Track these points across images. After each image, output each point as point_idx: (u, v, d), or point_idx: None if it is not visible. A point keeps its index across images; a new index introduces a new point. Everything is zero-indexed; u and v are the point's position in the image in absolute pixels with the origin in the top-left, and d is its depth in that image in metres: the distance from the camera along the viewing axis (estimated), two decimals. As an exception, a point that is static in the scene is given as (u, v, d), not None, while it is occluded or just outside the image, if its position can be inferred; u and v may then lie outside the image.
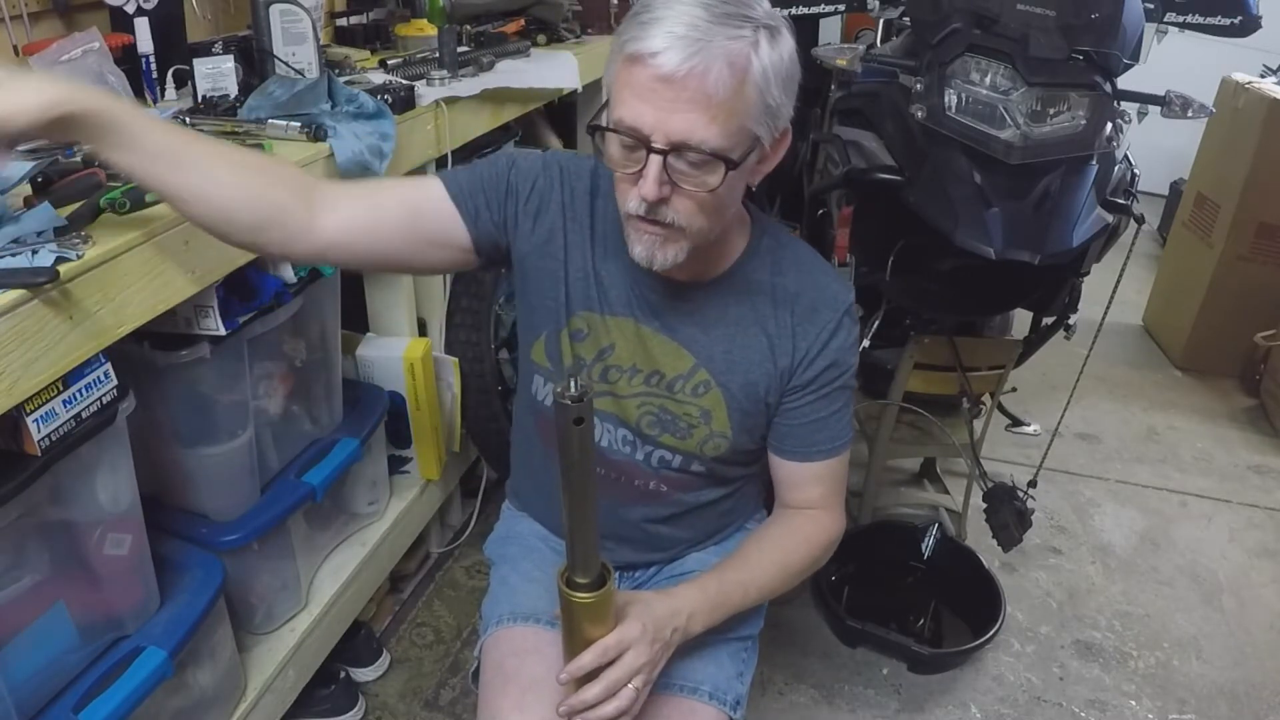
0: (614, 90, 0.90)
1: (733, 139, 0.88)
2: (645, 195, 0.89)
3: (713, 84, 0.84)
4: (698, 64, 0.84)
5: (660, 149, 0.87)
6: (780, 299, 1.06)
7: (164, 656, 1.16)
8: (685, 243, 0.94)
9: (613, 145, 0.91)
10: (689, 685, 1.09)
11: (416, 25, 2.04)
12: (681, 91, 0.85)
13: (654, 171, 0.88)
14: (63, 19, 1.41)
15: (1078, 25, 1.45)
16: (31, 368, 0.91)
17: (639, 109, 0.87)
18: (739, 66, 0.86)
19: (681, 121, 0.86)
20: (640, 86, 0.86)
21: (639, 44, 0.85)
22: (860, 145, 1.71)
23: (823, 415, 1.08)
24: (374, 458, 1.72)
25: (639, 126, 0.87)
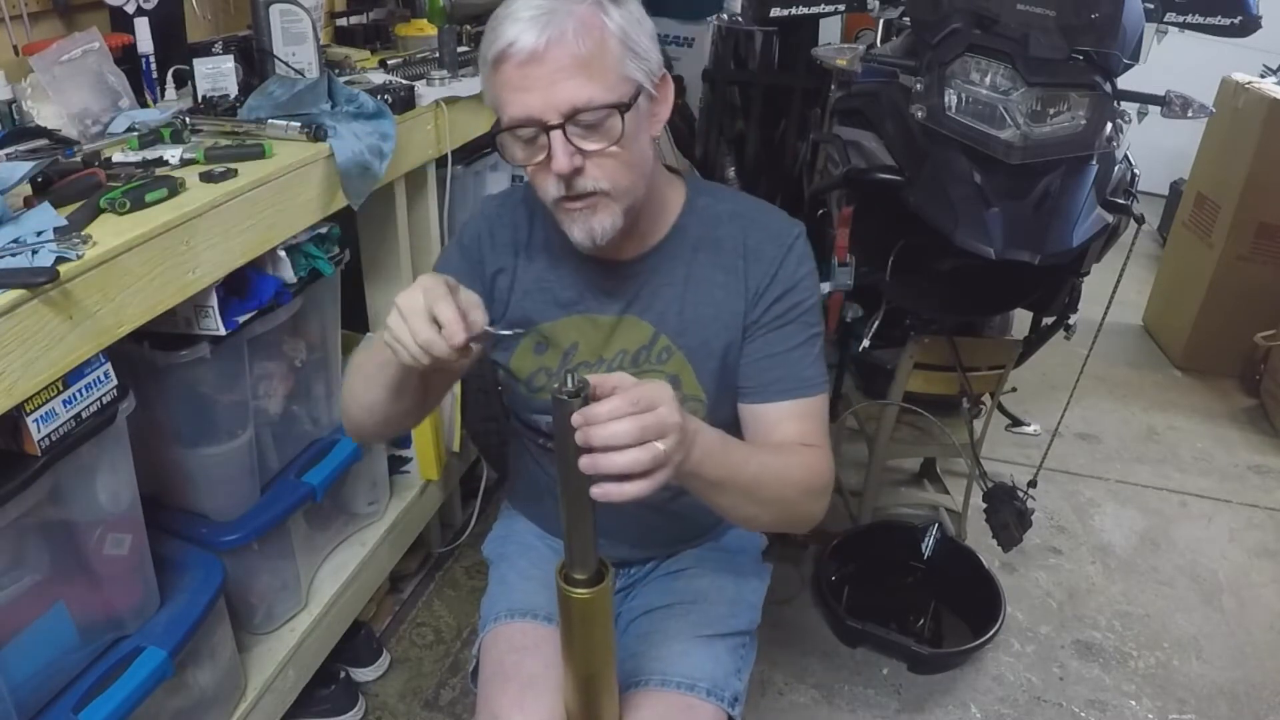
0: (496, 100, 0.93)
1: (614, 89, 0.91)
2: (559, 169, 0.91)
3: (574, 44, 0.88)
4: (553, 32, 0.88)
5: (556, 124, 0.90)
6: (726, 248, 1.06)
7: (164, 656, 1.16)
8: (615, 205, 0.96)
9: (515, 147, 0.94)
10: (686, 681, 1.08)
11: (416, 25, 2.03)
12: (551, 63, 0.88)
13: (559, 145, 0.90)
14: (63, 19, 1.41)
15: (1078, 25, 1.45)
16: (31, 368, 0.91)
17: (522, 99, 0.90)
18: (592, 24, 0.89)
19: (563, 90, 0.89)
20: (512, 80, 0.90)
21: (495, 44, 0.90)
22: (860, 145, 1.71)
23: (779, 350, 1.05)
24: (374, 458, 1.72)
25: (529, 114, 0.90)
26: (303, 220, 1.32)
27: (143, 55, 1.43)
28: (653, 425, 0.76)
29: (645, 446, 0.75)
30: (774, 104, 2.91)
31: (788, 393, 1.05)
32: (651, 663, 1.11)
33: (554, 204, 0.96)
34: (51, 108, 1.27)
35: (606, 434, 0.74)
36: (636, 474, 0.76)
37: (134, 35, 1.41)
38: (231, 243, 1.17)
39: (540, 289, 1.09)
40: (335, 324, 1.58)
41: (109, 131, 1.28)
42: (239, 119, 1.36)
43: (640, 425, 0.75)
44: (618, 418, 0.75)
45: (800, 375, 1.05)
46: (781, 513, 0.99)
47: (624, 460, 0.75)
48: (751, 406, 1.07)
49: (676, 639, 1.13)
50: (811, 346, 1.06)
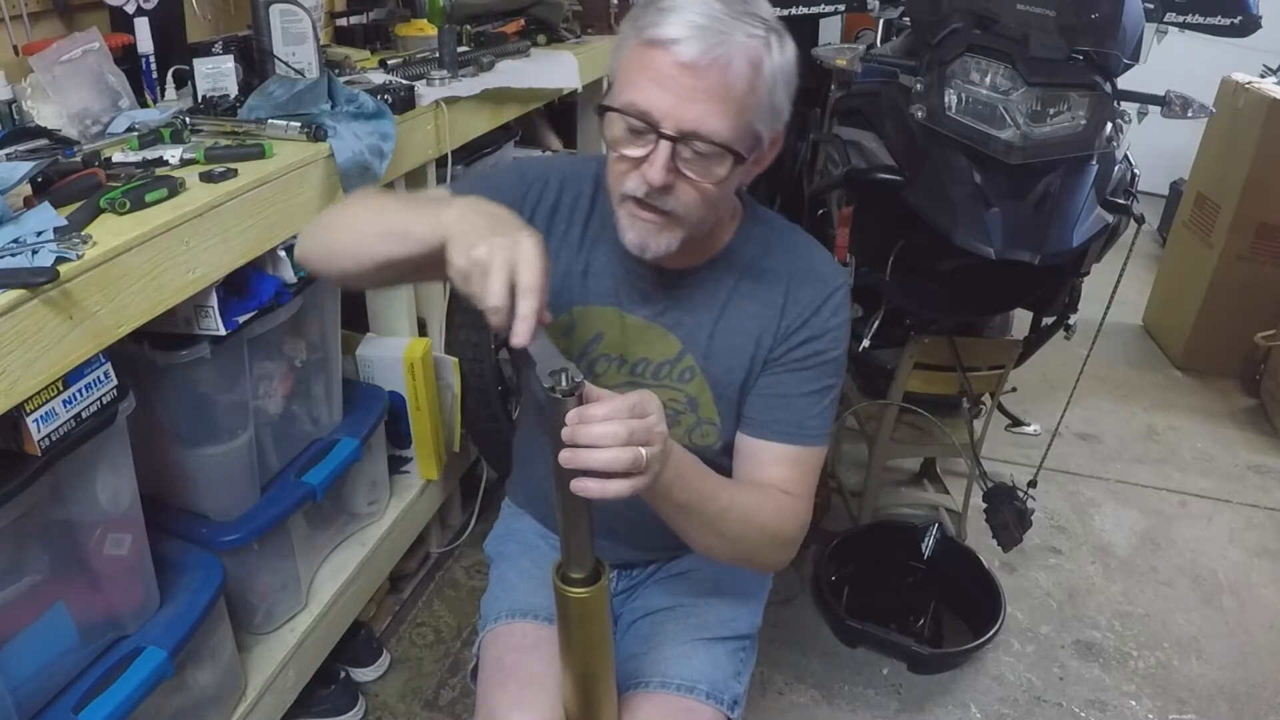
0: (624, 73, 0.90)
1: (740, 134, 0.89)
2: (651, 180, 0.89)
3: (733, 77, 0.85)
4: (720, 55, 0.85)
5: (671, 136, 0.87)
6: (770, 279, 1.05)
7: (164, 656, 1.16)
8: (680, 232, 0.94)
9: (617, 127, 0.91)
10: (686, 684, 1.08)
11: (416, 25, 2.04)
12: (701, 81, 0.85)
13: (662, 158, 0.88)
14: (63, 19, 1.41)
15: (1078, 25, 1.45)
16: (31, 368, 0.91)
17: (654, 94, 0.87)
18: (755, 63, 0.87)
19: (696, 111, 0.86)
20: (657, 72, 0.86)
21: (658, 30, 0.86)
22: (860, 145, 1.71)
23: (789, 393, 1.03)
24: (374, 458, 1.72)
25: (651, 111, 0.87)
26: (303, 220, 1.32)
27: (143, 55, 1.43)
28: (640, 431, 0.76)
29: (628, 448, 0.75)
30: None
31: (785, 436, 1.03)
32: (652, 664, 1.11)
33: (621, 199, 0.94)
34: (51, 108, 1.27)
35: (595, 434, 0.75)
36: (616, 473, 0.76)
37: (134, 35, 1.41)
38: (231, 243, 1.17)
39: (580, 269, 1.06)
40: (335, 324, 1.58)
41: (109, 131, 1.29)
42: (239, 119, 1.36)
43: (629, 429, 0.75)
44: (610, 420, 0.75)
45: (803, 423, 1.03)
46: (742, 551, 0.99)
47: (604, 457, 0.75)
48: (746, 438, 1.05)
49: (677, 641, 1.13)
50: (822, 397, 1.04)
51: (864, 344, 1.80)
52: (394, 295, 1.75)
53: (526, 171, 1.07)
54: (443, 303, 1.86)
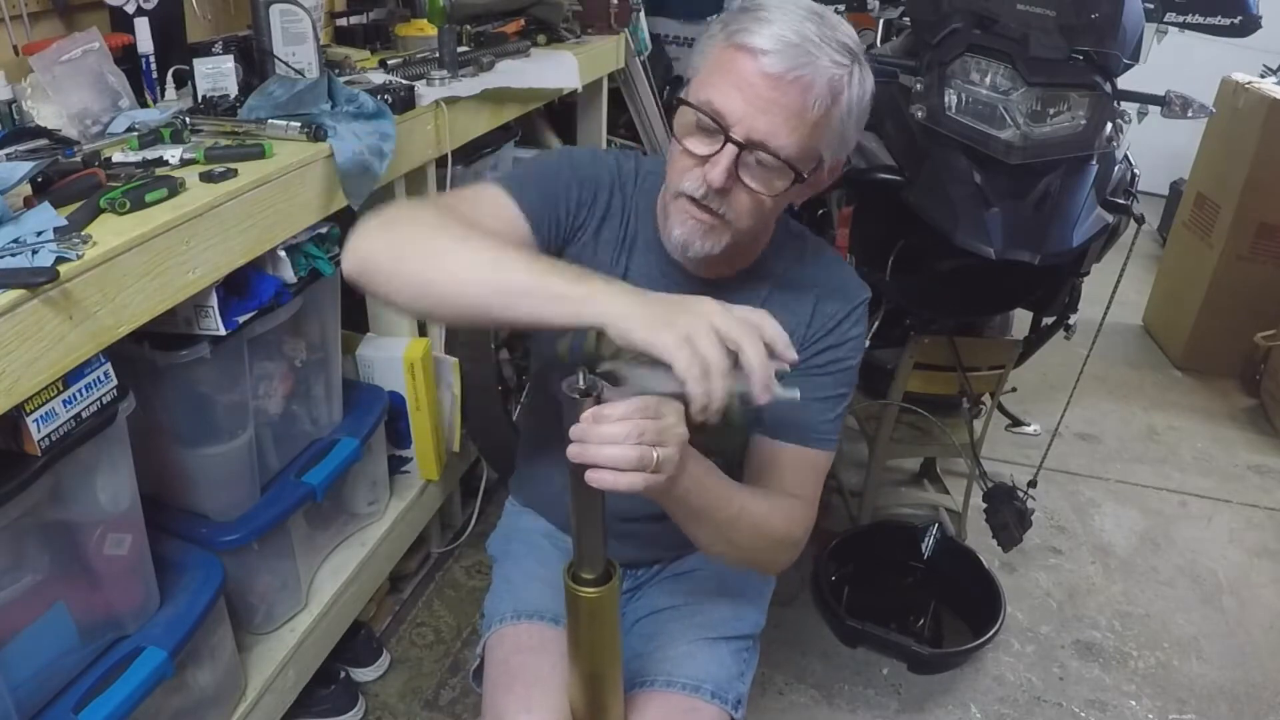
0: (706, 71, 0.92)
1: (805, 154, 0.91)
2: (711, 181, 0.90)
3: (811, 99, 0.87)
4: (805, 75, 0.86)
5: (739, 141, 0.89)
6: (800, 291, 1.07)
7: (164, 656, 1.16)
8: (727, 238, 0.96)
9: (689, 121, 0.92)
10: (691, 683, 1.09)
11: (416, 25, 2.03)
12: (781, 95, 0.87)
13: (725, 160, 0.89)
14: (63, 19, 1.41)
15: (1078, 25, 1.45)
16: (31, 368, 0.91)
17: (732, 97, 0.88)
18: (836, 91, 0.89)
19: (768, 123, 0.88)
20: (740, 76, 0.88)
21: (750, 36, 0.87)
22: (860, 145, 1.71)
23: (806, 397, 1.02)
24: (374, 458, 1.72)
25: (726, 113, 0.89)
26: (303, 220, 1.32)
27: (143, 55, 1.42)
28: (652, 431, 0.77)
29: (636, 446, 0.76)
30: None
31: (797, 439, 1.05)
32: (656, 664, 1.11)
33: (676, 196, 0.95)
34: (51, 108, 1.27)
35: (605, 431, 0.76)
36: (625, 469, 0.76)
37: (134, 35, 1.40)
38: (231, 243, 1.17)
39: (620, 273, 1.06)
40: (335, 324, 1.58)
41: (109, 131, 1.28)
42: (239, 119, 1.36)
43: (640, 429, 0.76)
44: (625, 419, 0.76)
45: (815, 426, 1.05)
46: (750, 556, 1.02)
47: (610, 453, 0.76)
48: (758, 439, 1.07)
49: (682, 641, 1.14)
50: (836, 405, 1.06)
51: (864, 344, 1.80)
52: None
53: (580, 168, 1.06)
54: (443, 303, 1.86)
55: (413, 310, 0.92)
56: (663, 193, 1.05)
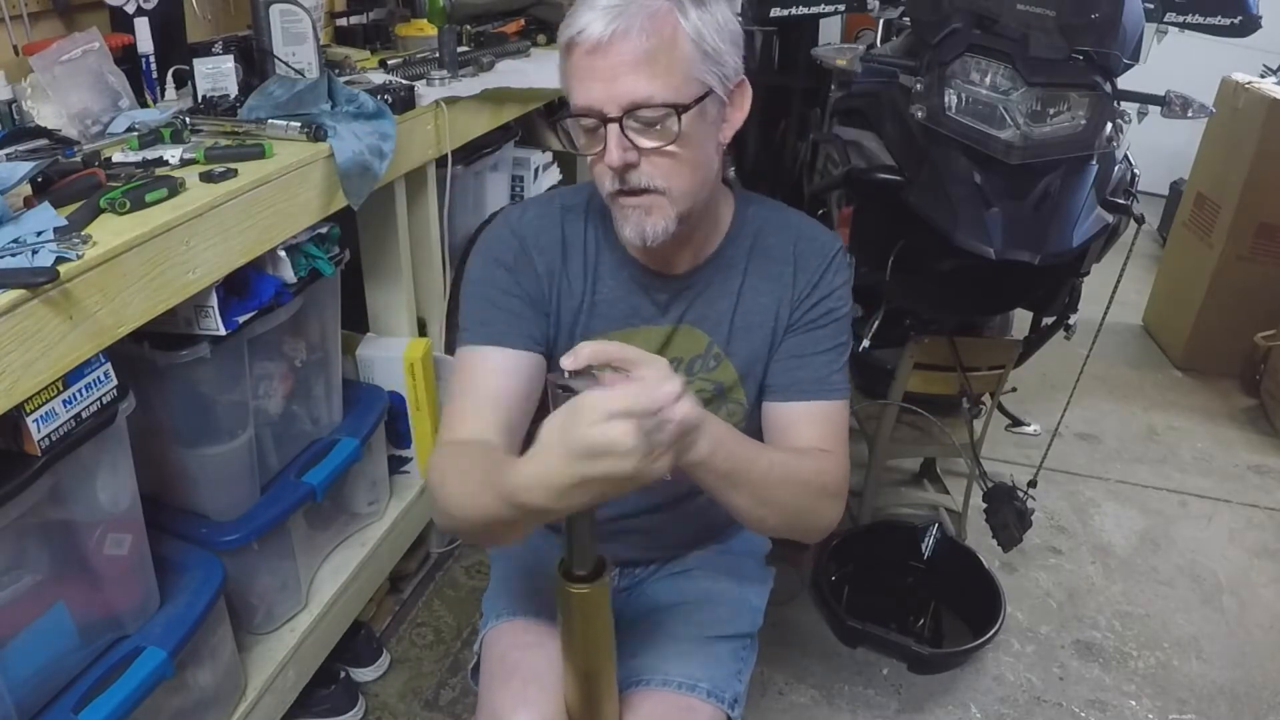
0: (566, 87, 0.94)
1: (678, 89, 0.91)
2: (610, 162, 0.92)
3: (638, 39, 0.88)
4: (619, 25, 0.88)
5: (613, 116, 0.90)
6: (775, 256, 1.08)
7: (164, 656, 1.16)
8: (670, 209, 0.96)
9: (579, 134, 0.96)
10: (687, 682, 1.08)
11: (416, 25, 2.04)
12: (614, 56, 0.89)
13: (614, 138, 0.91)
14: (63, 19, 1.41)
15: (1078, 25, 1.45)
16: (31, 368, 0.91)
17: (586, 88, 0.91)
18: (664, 21, 0.89)
19: (623, 85, 0.89)
20: (579, 68, 0.91)
21: (568, 30, 0.90)
22: (860, 145, 1.71)
23: (807, 352, 1.06)
24: (374, 458, 1.72)
25: (590, 104, 0.91)
26: (303, 220, 1.32)
27: (143, 55, 1.43)
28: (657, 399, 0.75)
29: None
30: (774, 104, 2.91)
31: (810, 394, 1.05)
32: (653, 662, 1.11)
33: (609, 198, 0.97)
34: (51, 108, 1.27)
35: None
36: None
37: (134, 35, 1.41)
38: (231, 243, 1.17)
39: (587, 304, 1.08)
40: (335, 324, 1.58)
41: (109, 131, 1.29)
42: (239, 119, 1.36)
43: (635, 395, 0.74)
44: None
45: (824, 379, 1.06)
46: (793, 516, 0.99)
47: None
48: (773, 405, 1.08)
49: (678, 639, 1.14)
50: (839, 355, 1.07)
51: (864, 344, 1.80)
52: (394, 295, 1.75)
53: (501, 257, 1.06)
54: (443, 303, 1.86)
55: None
56: None
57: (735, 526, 1.28)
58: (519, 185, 2.28)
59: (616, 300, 1.07)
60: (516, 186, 2.28)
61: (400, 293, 1.74)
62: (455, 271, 1.90)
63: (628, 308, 1.07)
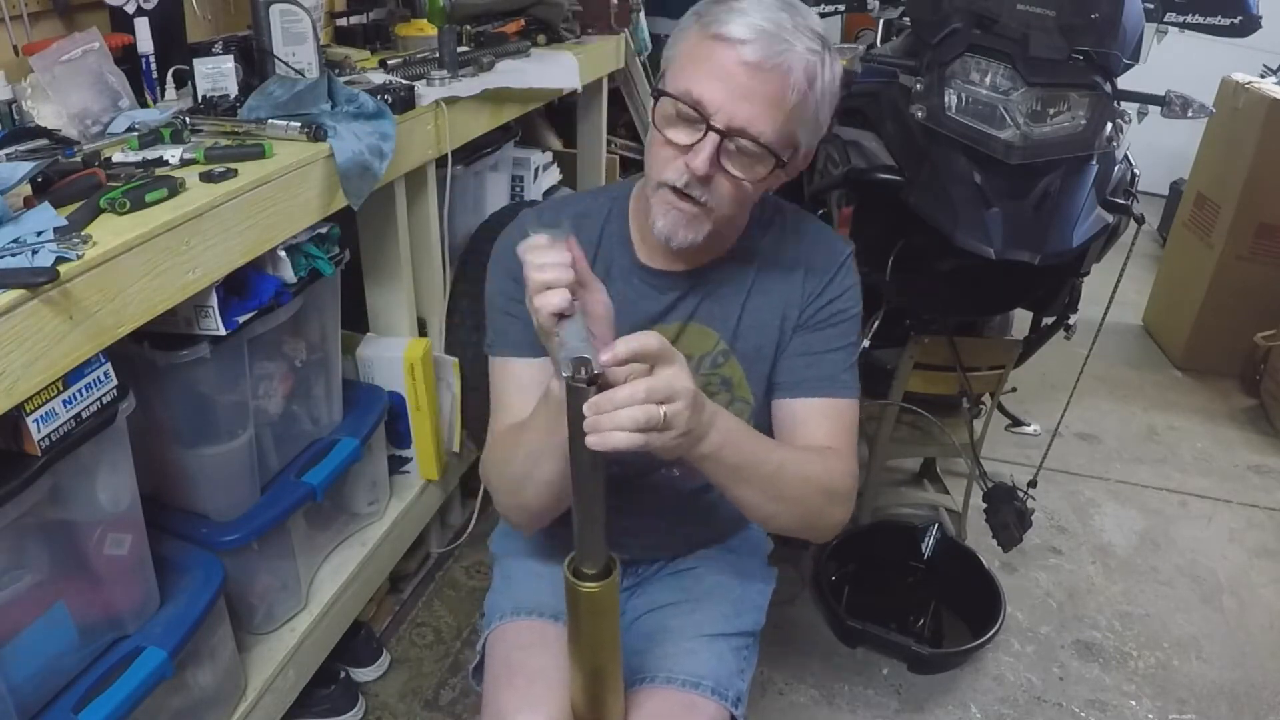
0: (682, 62, 0.93)
1: (784, 140, 0.93)
2: (695, 169, 0.92)
3: (790, 86, 0.90)
4: (783, 62, 0.89)
5: (720, 129, 0.91)
6: (787, 258, 1.09)
7: (164, 656, 1.16)
8: (708, 226, 0.98)
9: (669, 112, 0.94)
10: (691, 680, 1.09)
11: (416, 25, 2.04)
12: (761, 83, 0.89)
13: (708, 148, 0.91)
14: (63, 19, 1.41)
15: (1078, 25, 1.45)
16: (31, 368, 0.91)
17: (711, 86, 0.90)
18: (811, 77, 0.91)
19: (749, 110, 0.90)
20: (718, 66, 0.90)
21: (725, 26, 0.89)
22: (860, 145, 1.71)
23: (817, 350, 1.08)
24: (374, 458, 1.72)
25: (706, 103, 0.90)
26: (303, 220, 1.32)
27: (143, 55, 1.42)
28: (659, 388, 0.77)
29: (643, 406, 0.76)
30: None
31: (820, 391, 1.07)
32: (656, 660, 1.11)
33: (659, 187, 0.97)
34: (51, 108, 1.27)
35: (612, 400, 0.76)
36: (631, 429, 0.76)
37: (134, 35, 1.40)
38: (231, 243, 1.17)
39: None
40: (335, 324, 1.58)
41: (109, 131, 1.28)
42: (239, 119, 1.36)
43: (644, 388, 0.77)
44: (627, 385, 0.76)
45: (834, 377, 1.07)
46: (803, 514, 1.00)
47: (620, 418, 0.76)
48: (783, 402, 1.08)
49: (682, 637, 1.14)
50: (849, 354, 1.09)
51: (864, 344, 1.80)
52: (394, 295, 1.75)
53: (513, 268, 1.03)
54: (443, 303, 1.86)
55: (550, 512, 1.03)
56: (640, 187, 1.06)
57: (738, 525, 1.28)
58: (519, 185, 2.28)
59: (627, 303, 1.07)
60: (516, 186, 2.28)
61: (400, 293, 1.74)
62: (455, 271, 1.90)
63: (635, 308, 1.08)
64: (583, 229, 1.09)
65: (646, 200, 1.01)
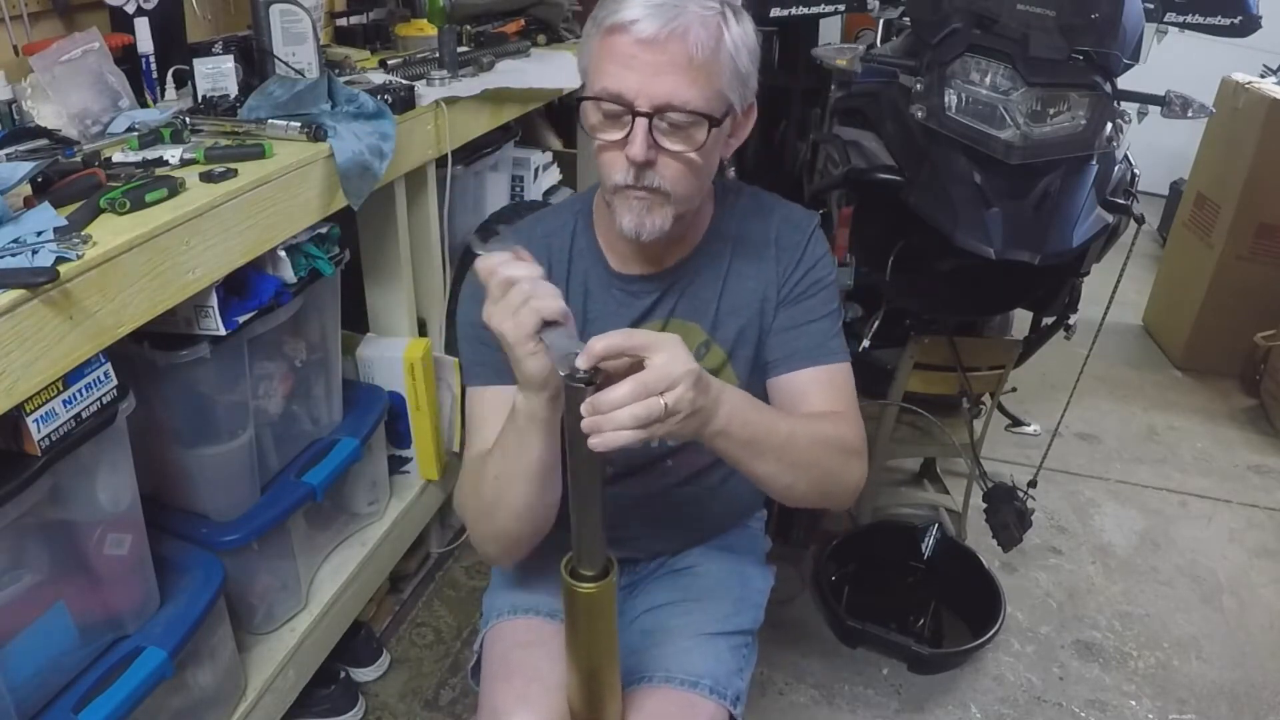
0: (593, 64, 0.94)
1: (711, 101, 0.93)
2: (633, 156, 0.92)
3: (692, 45, 0.89)
4: (677, 26, 0.89)
5: (645, 111, 0.91)
6: (756, 240, 1.10)
7: (164, 656, 1.16)
8: (670, 209, 0.97)
9: (594, 115, 0.95)
10: (690, 679, 1.09)
11: (416, 25, 2.04)
12: (662, 54, 0.89)
13: (640, 134, 0.91)
14: (63, 19, 1.41)
15: (1078, 25, 1.45)
16: (31, 368, 0.91)
17: (622, 75, 0.91)
18: (713, 32, 0.91)
19: (664, 84, 0.90)
20: (621, 54, 0.90)
21: (617, 15, 0.90)
22: (860, 145, 1.71)
23: (802, 321, 1.08)
24: (374, 458, 1.72)
25: (622, 92, 0.91)
26: (303, 220, 1.32)
27: (143, 55, 1.42)
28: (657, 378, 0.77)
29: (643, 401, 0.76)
30: (774, 104, 2.91)
31: (811, 359, 1.07)
32: (655, 659, 1.11)
33: (614, 190, 0.97)
34: (51, 108, 1.27)
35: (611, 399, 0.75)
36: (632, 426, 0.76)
37: (134, 35, 1.40)
38: (231, 243, 1.17)
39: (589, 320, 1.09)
40: (335, 324, 1.58)
41: (109, 131, 1.28)
42: (239, 119, 1.36)
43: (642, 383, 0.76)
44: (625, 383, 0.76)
45: (823, 344, 1.08)
46: (821, 478, 0.99)
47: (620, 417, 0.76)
48: (778, 379, 1.09)
49: (680, 636, 1.14)
50: (833, 321, 1.09)
51: (864, 344, 1.80)
52: (394, 295, 1.75)
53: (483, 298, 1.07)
54: (443, 303, 1.86)
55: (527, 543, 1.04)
56: (598, 196, 1.07)
57: (737, 524, 1.28)
58: (519, 185, 2.28)
59: (608, 313, 1.09)
60: (516, 186, 2.28)
61: (400, 293, 1.74)
62: (455, 271, 1.90)
63: (620, 318, 1.09)
64: (552, 247, 1.09)
65: (607, 209, 1.02)
